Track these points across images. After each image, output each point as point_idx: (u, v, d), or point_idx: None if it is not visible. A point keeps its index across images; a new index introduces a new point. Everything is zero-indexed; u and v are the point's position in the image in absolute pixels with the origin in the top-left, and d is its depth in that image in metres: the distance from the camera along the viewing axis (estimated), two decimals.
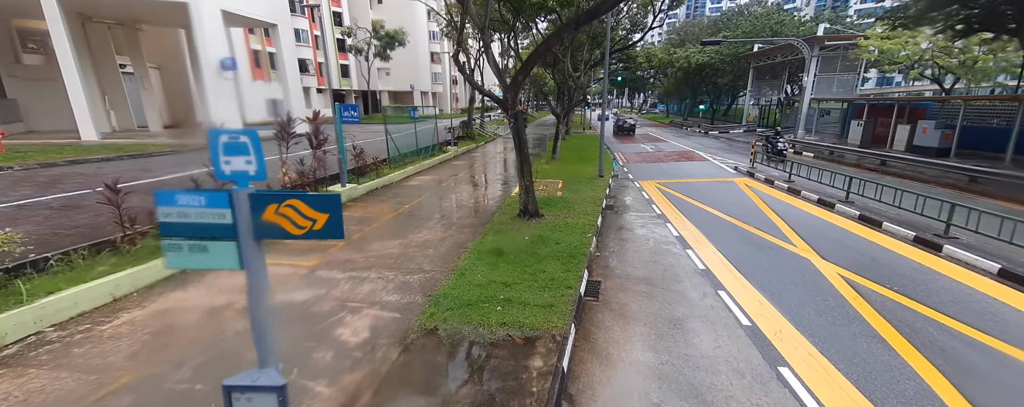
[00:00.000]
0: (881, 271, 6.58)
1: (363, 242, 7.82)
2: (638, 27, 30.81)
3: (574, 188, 12.83)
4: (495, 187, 13.69)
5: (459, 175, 15.53)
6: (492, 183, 14.40)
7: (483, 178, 15.36)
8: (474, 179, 15.03)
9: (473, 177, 15.35)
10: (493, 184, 14.23)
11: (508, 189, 12.90)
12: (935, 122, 16.54)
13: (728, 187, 13.16)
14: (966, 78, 19.51)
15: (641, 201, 11.86)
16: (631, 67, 48.41)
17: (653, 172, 16.39)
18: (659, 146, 25.48)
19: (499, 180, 14.89)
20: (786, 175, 13.30)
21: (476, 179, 15.09)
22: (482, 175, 15.97)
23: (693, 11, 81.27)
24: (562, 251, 7.37)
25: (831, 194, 11.06)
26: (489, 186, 13.92)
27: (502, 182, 14.46)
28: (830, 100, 26.31)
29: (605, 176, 14.85)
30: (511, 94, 9.28)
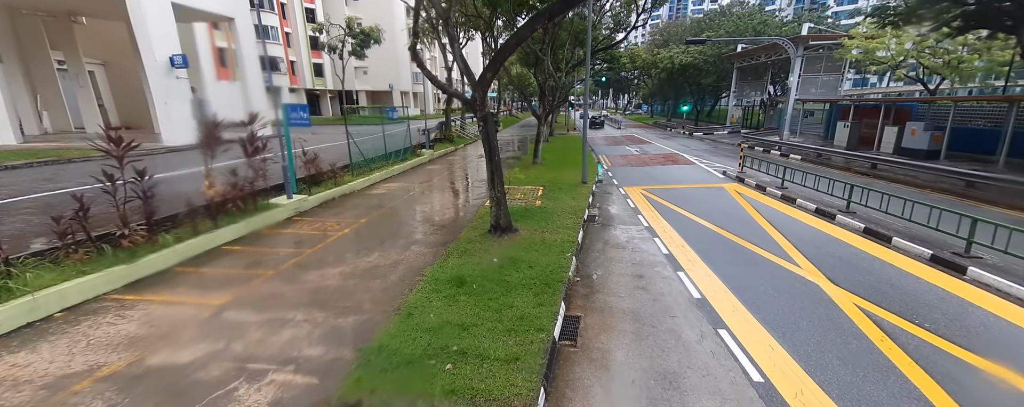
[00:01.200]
0: (903, 300, 5.67)
1: (297, 270, 6.55)
2: (621, 26, 30.09)
3: (555, 196, 11.77)
4: (468, 196, 12.52)
5: (430, 182, 14.29)
6: (465, 191, 13.23)
7: (456, 185, 14.16)
8: (446, 186, 13.82)
9: (445, 184, 14.14)
10: (466, 192, 13.05)
11: (482, 198, 11.74)
12: (924, 124, 16.10)
13: (718, 194, 12.30)
14: (951, 78, 19.29)
15: (627, 211, 10.86)
16: (615, 67, 47.84)
17: (639, 177, 15.47)
18: (644, 148, 24.70)
19: (473, 188, 13.71)
20: (778, 180, 12.51)
21: (448, 186, 13.87)
22: (455, 182, 14.76)
23: (676, 12, 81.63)
24: (536, 277, 6.27)
25: (829, 203, 10.26)
26: (461, 195, 12.74)
27: (476, 190, 13.28)
28: (815, 101, 25.99)
29: (588, 182, 13.85)
30: (480, 93, 8.14)
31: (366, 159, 14.00)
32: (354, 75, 48.09)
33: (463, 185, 14.19)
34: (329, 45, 33.25)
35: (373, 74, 48.82)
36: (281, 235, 8.25)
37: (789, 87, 24.30)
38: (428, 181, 14.39)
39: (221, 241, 7.44)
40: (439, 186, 13.73)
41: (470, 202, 11.58)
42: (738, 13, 40.05)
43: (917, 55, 19.26)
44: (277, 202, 9.42)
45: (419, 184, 13.78)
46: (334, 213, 9.94)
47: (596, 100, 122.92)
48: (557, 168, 16.92)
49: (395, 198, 11.68)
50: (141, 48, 14.90)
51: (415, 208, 10.79)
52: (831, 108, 25.05)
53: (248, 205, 8.42)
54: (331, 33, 34.53)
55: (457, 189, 13.54)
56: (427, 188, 13.26)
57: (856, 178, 13.83)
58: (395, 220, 9.59)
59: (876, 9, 14.93)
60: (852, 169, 15.50)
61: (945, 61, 18.74)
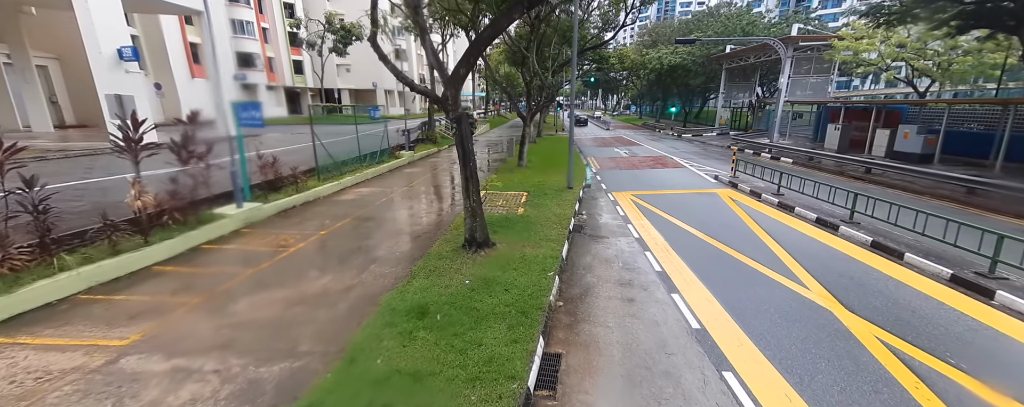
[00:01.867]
0: (930, 333, 4.96)
1: (230, 296, 5.57)
2: (610, 25, 29.48)
3: (539, 203, 10.93)
4: (445, 203, 11.60)
5: (406, 187, 13.31)
6: (442, 198, 12.29)
7: (433, 191, 13.21)
8: (422, 192, 12.86)
9: (422, 190, 13.18)
10: (443, 199, 12.12)
11: (461, 205, 10.84)
12: (917, 127, 15.74)
13: (711, 201, 11.61)
14: (940, 81, 19.09)
15: (616, 219, 10.08)
16: (604, 68, 47.35)
17: (628, 181, 14.74)
18: (633, 150, 24.07)
19: (453, 194, 12.79)
20: (773, 186, 11.89)
21: (425, 192, 12.92)
22: (434, 186, 13.81)
23: (664, 13, 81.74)
24: (512, 303, 5.42)
25: (829, 212, 9.63)
26: (437, 202, 11.80)
27: (455, 196, 12.37)
28: (805, 102, 25.70)
29: (575, 187, 13.06)
30: (452, 90, 7.25)
31: (336, 162, 12.96)
32: (336, 73, 46.62)
33: (441, 191, 13.25)
34: (308, 41, 31.88)
35: (356, 72, 47.37)
36: (224, 251, 7.22)
37: (779, 88, 23.94)
38: (404, 186, 13.41)
39: (150, 260, 6.39)
40: (415, 192, 12.77)
41: (446, 210, 10.66)
42: (726, 14, 39.88)
43: (906, 57, 18.98)
44: (225, 212, 8.37)
45: (394, 189, 12.79)
46: (292, 223, 8.92)
47: (585, 101, 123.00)
48: (543, 171, 16.11)
49: (364, 205, 10.68)
50: (85, 38, 13.59)
51: (384, 217, 9.82)
52: (820, 110, 24.78)
53: (189, 217, 7.37)
54: (310, 29, 33.16)
55: (434, 195, 12.60)
56: (402, 194, 12.29)
57: (851, 183, 13.33)
58: (359, 232, 8.62)
59: (871, 8, 14.48)
60: (845, 173, 15.02)
61: (935, 63, 18.49)
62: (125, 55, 14.10)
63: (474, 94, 53.02)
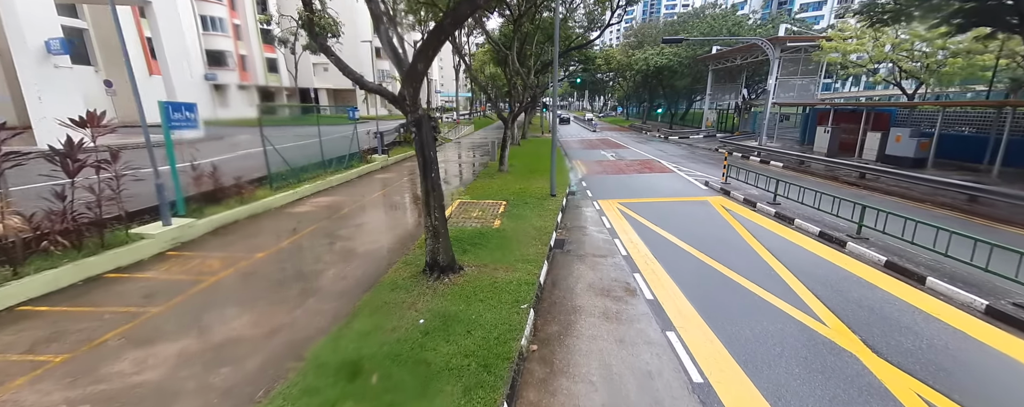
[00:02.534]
0: (982, 391, 4.08)
1: (105, 352, 4.36)
2: (595, 24, 28.70)
3: (519, 213, 9.92)
4: (413, 215, 10.47)
5: (372, 196, 12.13)
6: (410, 209, 11.15)
7: (402, 201, 12.05)
8: (389, 203, 11.69)
9: (388, 200, 12.00)
10: (410, 211, 10.99)
11: None
12: (910, 130, 15.25)
13: (703, 211, 10.75)
14: (930, 83, 18.80)
15: (602, 233, 9.11)
16: (590, 69, 46.70)
17: (615, 187, 13.84)
18: (620, 153, 23.27)
19: (421, 204, 11.65)
20: (767, 194, 11.11)
21: (392, 202, 11.76)
22: (404, 197, 12.65)
23: (649, 14, 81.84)
24: (474, 351, 4.38)
25: (832, 224, 8.84)
26: (403, 215, 10.67)
27: None
28: (794, 105, 25.31)
29: (558, 195, 12.09)
30: (410, 90, 6.17)
31: (293, 169, 11.70)
32: (313, 71, 44.89)
33: (410, 201, 12.10)
34: (279, 38, 30.27)
35: (335, 70, 45.49)
36: (129, 282, 5.97)
37: (767, 90, 23.45)
38: (370, 195, 12.22)
39: (17, 298, 5.12)
40: (380, 202, 11.60)
41: (412, 224, 9.54)
42: (711, 15, 39.64)
43: (895, 58, 18.62)
44: (146, 232, 7.09)
45: (357, 199, 11.60)
46: (226, 243, 7.68)
47: (572, 102, 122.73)
48: (525, 177, 15.11)
49: (318, 219, 9.48)
50: (7, 28, 12.02)
51: (339, 233, 8.64)
52: (808, 112, 24.41)
53: (88, 240, 6.10)
54: (283, 25, 31.54)
55: (401, 206, 11.44)
56: (364, 205, 11.11)
57: (845, 189, 12.68)
58: (305, 252, 7.45)
59: (865, 6, 13.89)
60: (838, 178, 14.41)
61: (924, 65, 18.15)
62: (53, 48, 12.55)
63: (457, 94, 51.78)
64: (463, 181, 14.85)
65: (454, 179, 15.66)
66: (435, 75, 63.94)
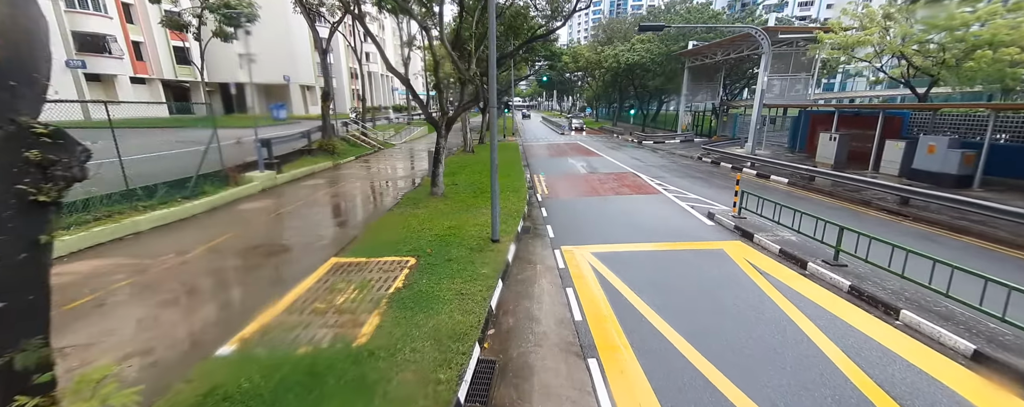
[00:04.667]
0: None
1: None
2: (558, 13, 24.82)
3: (426, 290, 5.72)
4: (213, 310, 5.90)
5: (165, 268, 7.41)
6: (229, 288, 6.55)
7: (226, 275, 7.39)
8: (187, 285, 7.01)
9: (208, 264, 7.33)
10: (233, 289, 6.40)
11: (263, 296, 5.22)
12: (949, 139, 12.19)
13: (724, 273, 6.85)
14: (945, 81, 16.17)
15: (565, 336, 4.98)
16: (556, 66, 43.01)
17: (586, 221, 9.83)
18: (592, 164, 19.44)
19: (277, 267, 7.06)
20: (813, 243, 7.38)
21: (193, 286, 7.08)
22: (247, 252, 7.99)
23: (616, 9, 79.59)
24: None
25: (969, 322, 5.13)
26: (205, 310, 6.06)
27: (291, 268, 6.70)
28: (786, 106, 22.41)
29: (504, 239, 7.98)
30: None
31: (79, 201, 6.88)
32: (237, 64, 38.58)
33: (238, 274, 7.44)
34: (171, 20, 24.39)
35: (264, 63, 39.48)
36: None
37: (752, 89, 20.32)
38: (190, 250, 7.51)
39: None
40: (180, 271, 6.91)
41: (215, 320, 5.04)
42: (686, 8, 36.89)
43: (908, 52, 15.78)
44: None
45: (156, 262, 6.87)
46: None
47: (540, 102, 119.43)
48: (465, 203, 10.88)
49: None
50: None
51: None
52: (800, 115, 21.57)
53: None
54: (181, 4, 25.63)
55: (198, 296, 6.79)
56: (155, 278, 6.41)
57: (895, 222, 9.26)
58: None
59: None
60: (872, 204, 11.07)
61: (940, 60, 15.39)
62: None
63: (427, 93, 46.65)
64: (370, 213, 10.39)
65: (358, 210, 11.14)
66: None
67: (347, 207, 11.33)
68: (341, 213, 10.61)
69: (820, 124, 19.80)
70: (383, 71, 59.82)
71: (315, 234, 8.75)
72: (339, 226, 9.35)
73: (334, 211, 10.75)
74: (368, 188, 13.82)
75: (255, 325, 4.94)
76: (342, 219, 9.97)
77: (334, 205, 11.36)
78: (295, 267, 6.70)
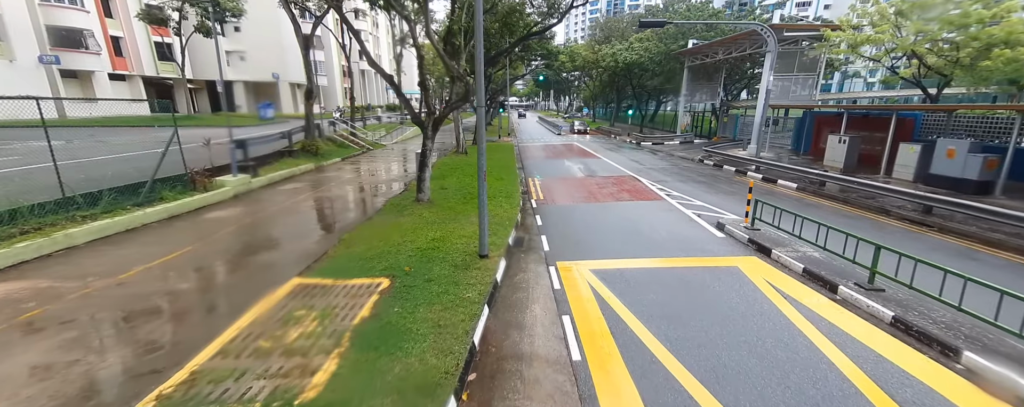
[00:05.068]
0: None
1: None
2: (555, 10, 23.97)
3: (397, 323, 4.86)
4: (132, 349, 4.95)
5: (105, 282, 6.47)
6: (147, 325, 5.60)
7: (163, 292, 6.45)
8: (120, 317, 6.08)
9: (135, 292, 6.39)
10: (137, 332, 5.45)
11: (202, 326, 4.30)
12: (970, 142, 11.46)
13: (741, 294, 6.01)
14: (963, 81, 15.49)
15: (562, 383, 4.08)
16: (553, 65, 42.18)
17: (585, 231, 8.97)
18: (589, 166, 18.61)
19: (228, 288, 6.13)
20: (840, 261, 6.57)
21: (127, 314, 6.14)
22: (179, 277, 7.05)
23: (613, 9, 78.87)
24: None
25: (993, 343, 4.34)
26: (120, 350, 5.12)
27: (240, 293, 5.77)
28: (793, 106, 21.68)
29: (494, 254, 7.12)
30: None
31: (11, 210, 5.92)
32: (226, 61, 37.43)
33: (169, 309, 6.53)
34: (149, 14, 23.27)
35: (253, 61, 38.46)
36: None
37: (766, 88, 19.59)
38: (129, 268, 6.57)
39: None
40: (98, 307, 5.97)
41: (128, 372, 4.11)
42: (686, 5, 36.14)
43: (920, 50, 15.05)
44: None
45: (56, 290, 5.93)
46: None
47: (537, 101, 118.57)
48: (452, 211, 10.01)
49: None
50: None
51: None
52: (804, 116, 20.85)
53: None
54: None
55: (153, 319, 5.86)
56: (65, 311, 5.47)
57: (921, 234, 8.48)
58: None
59: None
60: (891, 213, 10.30)
61: (953, 59, 14.67)
62: None
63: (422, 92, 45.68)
64: (348, 222, 9.46)
65: (336, 218, 10.18)
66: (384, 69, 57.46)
67: (323, 215, 10.39)
68: (315, 222, 9.68)
69: (826, 126, 19.10)
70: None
71: (282, 248, 7.83)
72: (310, 238, 8.42)
73: (308, 220, 9.81)
74: (350, 193, 12.89)
75: (183, 374, 4.03)
76: (315, 229, 9.05)
77: (309, 213, 10.42)
78: (249, 291, 5.78)
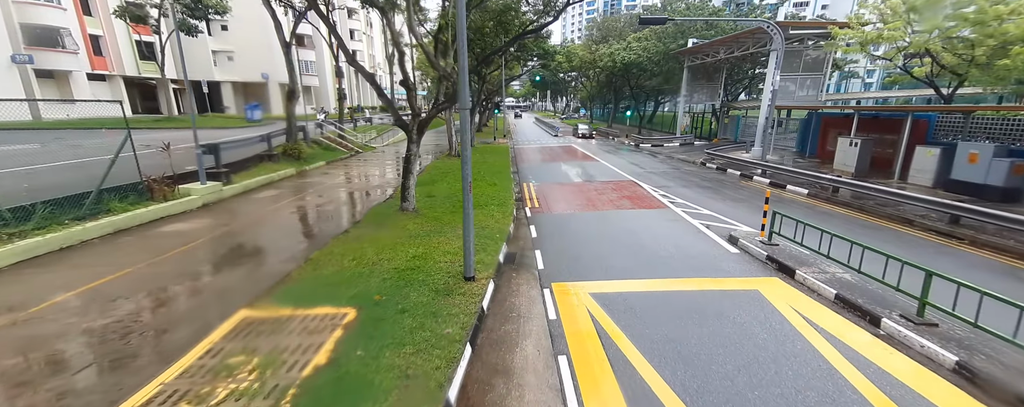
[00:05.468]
0: None
1: None
2: (551, 7, 23.17)
3: (360, 368, 3.91)
4: None
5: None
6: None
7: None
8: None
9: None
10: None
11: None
12: (995, 146, 10.68)
13: (768, 328, 5.14)
14: (979, 81, 14.77)
15: None
16: (549, 66, 41.35)
17: (582, 245, 8.09)
18: (587, 170, 17.76)
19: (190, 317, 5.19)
20: (870, 279, 5.73)
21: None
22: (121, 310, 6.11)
23: (610, 9, 78.22)
24: None
25: None
26: None
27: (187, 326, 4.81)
28: (798, 107, 20.93)
29: (481, 276, 6.26)
30: None
31: None
32: (213, 61, 36.40)
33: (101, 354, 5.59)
34: (128, 10, 22.23)
35: (241, 60, 37.40)
36: None
37: (772, 88, 18.84)
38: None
39: None
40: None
41: None
42: (682, 5, 35.40)
43: (934, 48, 14.31)
44: None
45: None
46: None
47: (534, 102, 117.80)
48: (438, 222, 9.15)
49: None
50: None
51: None
52: (809, 117, 20.11)
53: None
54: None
55: None
56: None
57: (955, 249, 7.66)
58: None
59: None
60: (916, 223, 9.49)
61: (970, 57, 13.94)
62: None
63: (417, 92, 44.70)
64: (321, 236, 8.53)
65: (309, 230, 9.25)
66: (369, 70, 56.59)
67: (295, 228, 9.46)
68: (284, 236, 8.75)
69: (832, 127, 18.36)
70: (369, 68, 57.73)
71: (239, 268, 6.90)
72: (276, 255, 7.51)
73: (277, 233, 8.87)
74: (330, 201, 11.96)
75: None
76: (283, 245, 8.13)
77: (280, 225, 9.48)
78: (184, 330, 4.86)
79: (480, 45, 21.15)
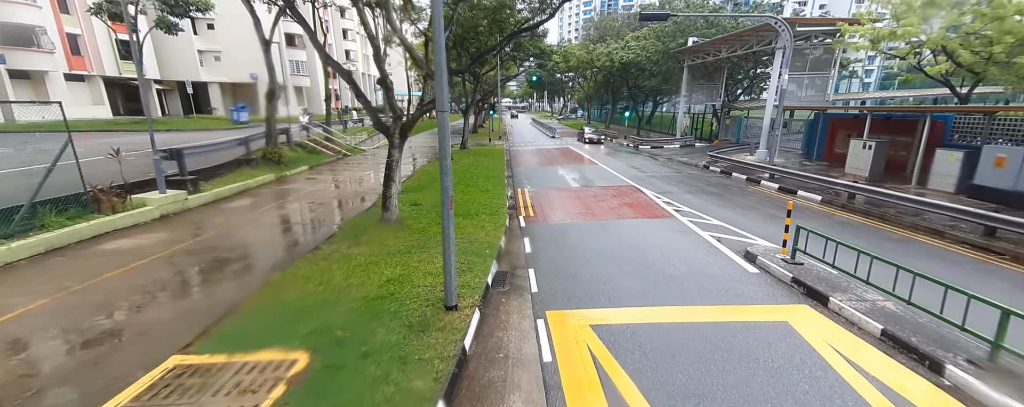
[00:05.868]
0: None
1: None
2: (547, 4, 22.32)
3: None
4: None
5: None
6: None
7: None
8: None
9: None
10: None
11: None
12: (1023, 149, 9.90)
13: (806, 376, 4.23)
14: (998, 80, 14.02)
15: None
16: (546, 66, 40.49)
17: (582, 262, 7.19)
18: (585, 174, 16.88)
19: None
20: (919, 311, 4.88)
21: None
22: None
23: (607, 8, 77.55)
24: None
25: None
26: None
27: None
28: (804, 108, 20.15)
29: (465, 304, 5.36)
30: None
31: None
32: (200, 61, 35.34)
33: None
34: (102, 7, 21.15)
35: (229, 61, 36.36)
36: None
37: (781, 87, 18.04)
38: None
39: None
40: None
41: None
42: (682, 3, 34.65)
43: (951, 45, 13.54)
44: None
45: None
46: None
47: (531, 102, 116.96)
48: (422, 235, 8.27)
49: None
50: None
51: None
52: (816, 118, 19.33)
53: None
54: None
55: None
56: None
57: (1001, 266, 6.82)
58: None
59: None
60: (945, 235, 8.66)
61: (988, 55, 13.18)
62: None
63: (409, 93, 43.71)
64: (288, 252, 7.60)
65: (275, 246, 8.29)
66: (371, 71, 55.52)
67: (261, 242, 8.53)
68: (247, 253, 7.82)
69: (841, 128, 17.60)
70: (364, 70, 56.68)
71: (184, 297, 5.96)
72: (232, 278, 6.58)
73: (239, 249, 7.93)
74: (306, 210, 11.03)
75: None
76: (243, 264, 7.20)
77: (245, 239, 8.54)
78: (96, 380, 3.94)
79: (474, 44, 20.27)
